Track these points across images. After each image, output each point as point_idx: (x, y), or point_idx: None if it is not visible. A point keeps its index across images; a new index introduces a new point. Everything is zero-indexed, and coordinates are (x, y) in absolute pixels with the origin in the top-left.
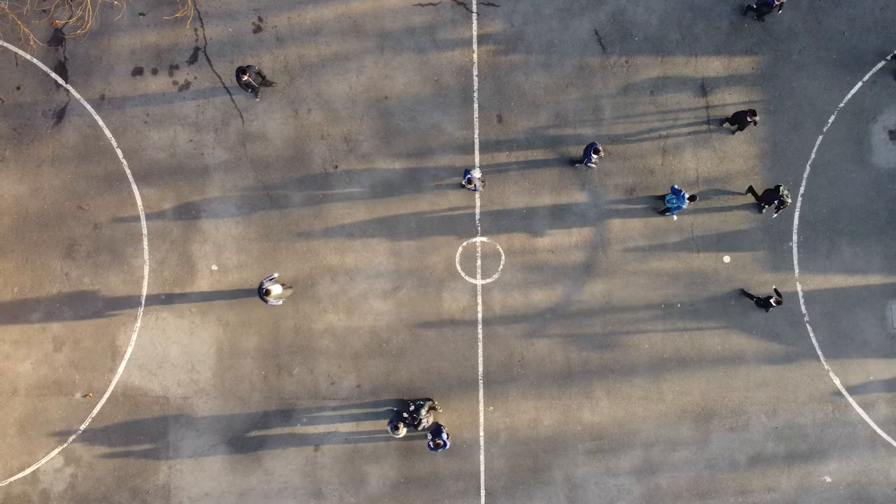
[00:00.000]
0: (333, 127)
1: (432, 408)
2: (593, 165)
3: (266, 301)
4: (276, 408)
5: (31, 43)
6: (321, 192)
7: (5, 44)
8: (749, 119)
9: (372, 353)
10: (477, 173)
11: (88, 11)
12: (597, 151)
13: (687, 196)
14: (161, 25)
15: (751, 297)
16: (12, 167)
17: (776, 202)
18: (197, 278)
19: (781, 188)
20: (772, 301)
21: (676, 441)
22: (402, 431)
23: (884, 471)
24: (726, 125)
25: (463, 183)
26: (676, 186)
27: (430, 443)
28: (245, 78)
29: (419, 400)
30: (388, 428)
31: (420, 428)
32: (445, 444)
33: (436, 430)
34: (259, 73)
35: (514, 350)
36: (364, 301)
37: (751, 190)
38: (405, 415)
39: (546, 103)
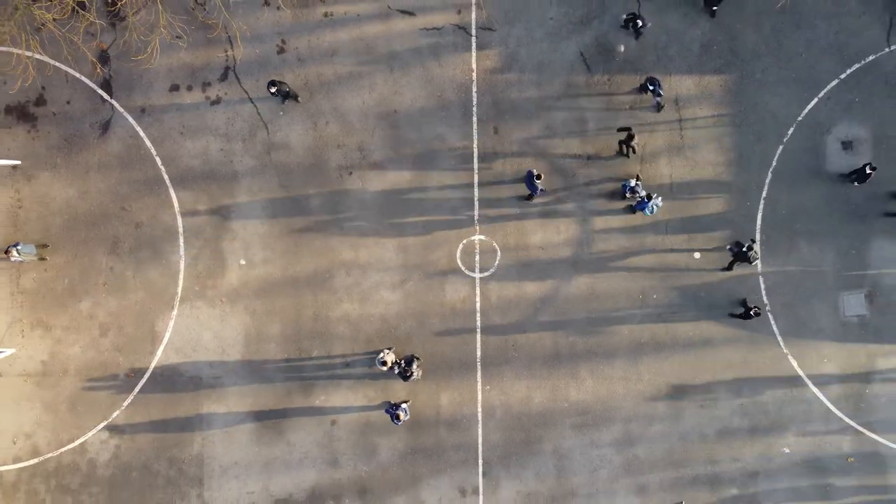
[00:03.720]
0: (348, 137)
1: (420, 362)
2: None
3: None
4: (298, 386)
5: (98, 71)
6: (337, 195)
7: (57, 63)
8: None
9: (382, 338)
10: (388, 357)
11: (156, 49)
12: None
13: (650, 207)
14: (195, 47)
15: (736, 315)
16: (63, 173)
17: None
18: (227, 272)
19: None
20: (751, 312)
21: (653, 416)
22: (389, 362)
23: (836, 443)
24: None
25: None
26: (648, 196)
27: (393, 415)
28: (273, 90)
29: (409, 356)
30: (377, 363)
31: (411, 379)
32: (399, 420)
33: (397, 404)
34: (287, 92)
35: (509, 336)
36: (375, 292)
37: (624, 129)
38: (398, 365)
39: (537, 116)
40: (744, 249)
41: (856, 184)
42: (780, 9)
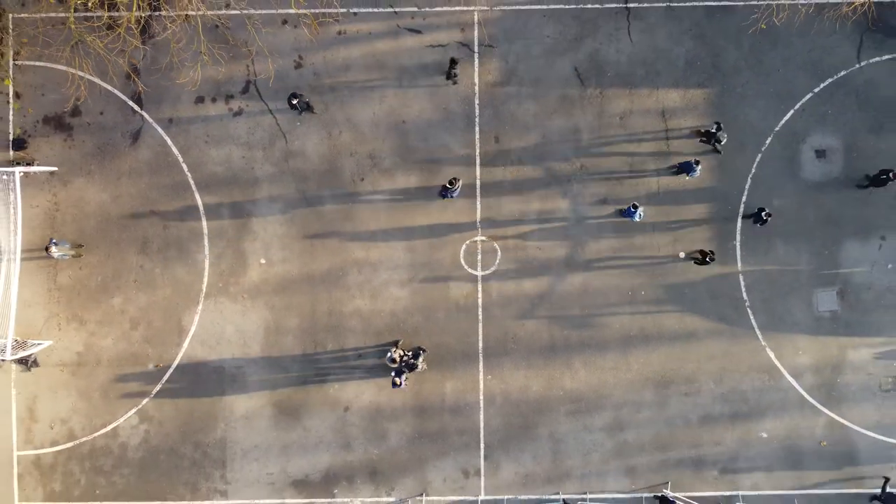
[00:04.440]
0: (360, 146)
1: (425, 355)
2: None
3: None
4: (313, 376)
5: (140, 89)
6: (350, 200)
7: (91, 77)
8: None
9: (392, 332)
10: (396, 354)
11: (198, 73)
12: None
13: (637, 214)
14: (219, 62)
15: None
16: (97, 179)
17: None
18: (248, 270)
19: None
20: (707, 259)
21: (641, 404)
22: (397, 358)
23: (810, 428)
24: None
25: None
26: (633, 206)
27: (394, 380)
28: (294, 102)
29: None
30: (386, 360)
31: (418, 370)
32: (398, 385)
33: (398, 372)
34: (307, 103)
35: (508, 329)
36: (385, 289)
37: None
38: (404, 361)
39: (535, 127)
40: (713, 131)
41: (758, 225)
42: (753, 32)
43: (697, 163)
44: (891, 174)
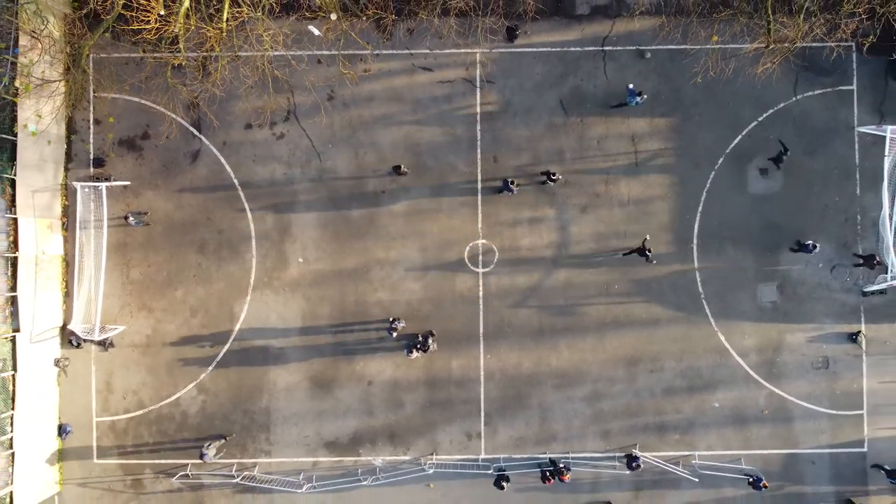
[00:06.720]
0: (382, 164)
1: (434, 338)
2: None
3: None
4: (342, 355)
5: (215, 124)
6: (373, 209)
7: (160, 108)
8: None
9: (407, 318)
10: (399, 324)
11: (266, 115)
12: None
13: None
14: (266, 95)
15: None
16: (163, 191)
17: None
18: (288, 267)
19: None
20: (647, 253)
21: (614, 379)
22: (414, 355)
23: (754, 399)
24: None
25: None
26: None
27: (407, 350)
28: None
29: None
30: (404, 353)
31: (429, 351)
32: (411, 353)
33: (412, 343)
34: None
35: (504, 316)
36: (402, 283)
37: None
38: (417, 343)
39: (526, 148)
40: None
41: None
42: (695, 82)
43: (640, 94)
44: (810, 244)
